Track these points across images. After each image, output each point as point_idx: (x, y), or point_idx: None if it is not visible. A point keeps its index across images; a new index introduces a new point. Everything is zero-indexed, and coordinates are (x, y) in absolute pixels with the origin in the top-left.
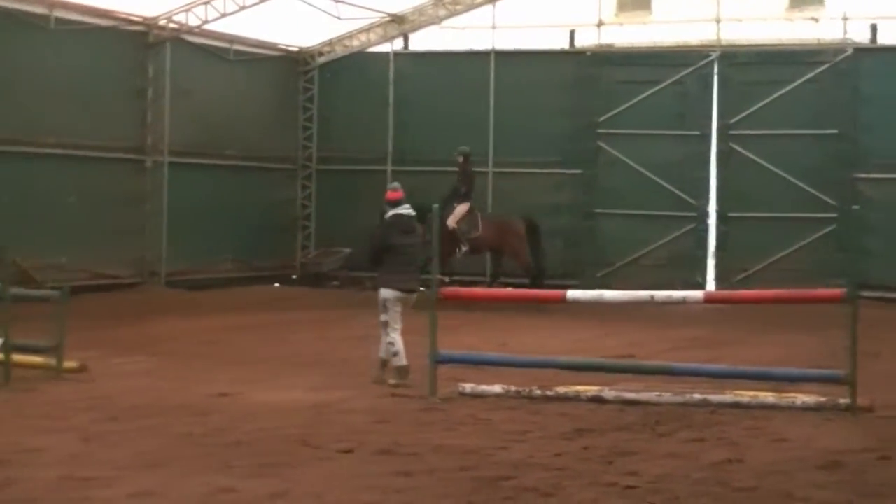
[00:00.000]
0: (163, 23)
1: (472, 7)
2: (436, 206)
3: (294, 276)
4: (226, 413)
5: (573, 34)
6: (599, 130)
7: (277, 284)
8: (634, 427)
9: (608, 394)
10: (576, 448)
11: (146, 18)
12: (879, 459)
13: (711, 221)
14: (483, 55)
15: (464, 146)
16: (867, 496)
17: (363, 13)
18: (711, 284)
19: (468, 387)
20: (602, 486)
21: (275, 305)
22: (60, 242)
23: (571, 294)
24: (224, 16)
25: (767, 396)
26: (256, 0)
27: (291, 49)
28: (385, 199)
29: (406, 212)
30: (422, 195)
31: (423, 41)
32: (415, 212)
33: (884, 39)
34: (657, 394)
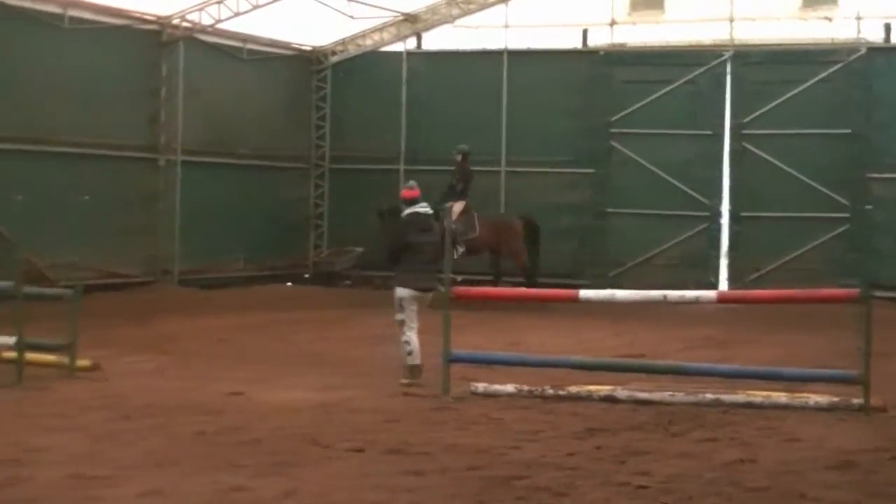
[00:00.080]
0: (176, 22)
1: (485, 6)
2: (447, 206)
3: (306, 276)
4: (237, 412)
5: (586, 33)
6: (612, 130)
7: (290, 283)
8: (647, 427)
9: (621, 393)
10: (588, 448)
11: (159, 17)
12: (892, 459)
13: (724, 221)
14: (496, 54)
15: (463, 145)
16: (879, 496)
17: (376, 12)
18: (724, 284)
19: (480, 386)
20: (614, 486)
21: (287, 304)
22: (73, 241)
23: (584, 294)
24: (237, 15)
25: (780, 396)
26: None
27: (304, 48)
28: (401, 198)
29: (423, 210)
30: (435, 194)
31: (436, 40)
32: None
33: None
34: (670, 393)
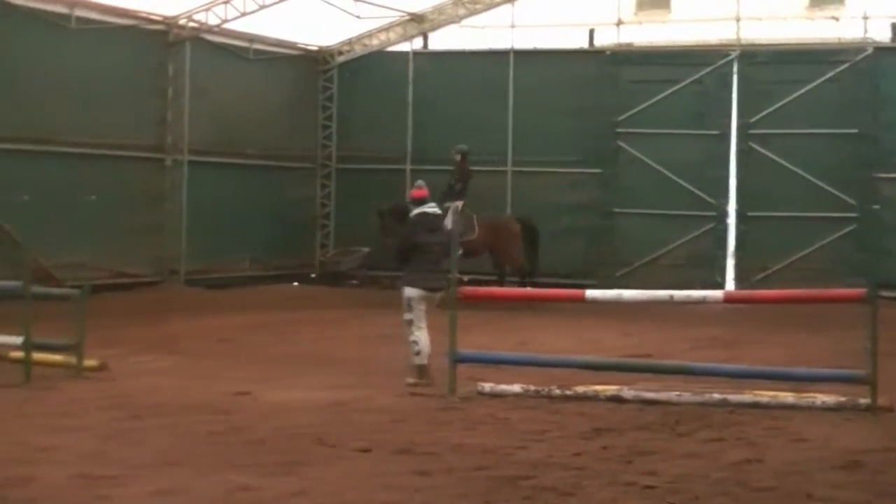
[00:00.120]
0: (183, 22)
1: (492, 6)
2: (454, 205)
3: (313, 275)
4: (245, 412)
5: (592, 33)
6: (618, 130)
7: (296, 283)
8: (653, 427)
9: (627, 393)
10: (595, 447)
11: (166, 18)
12: None
13: (731, 221)
14: (502, 54)
15: (462, 144)
16: (887, 496)
17: (383, 12)
18: (731, 284)
19: (487, 386)
20: (621, 486)
21: (293, 304)
22: (81, 241)
23: (590, 293)
24: (244, 15)
25: (787, 396)
26: None
27: (311, 48)
28: (410, 198)
29: (431, 210)
30: (436, 194)
31: (443, 40)
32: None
33: None
34: (676, 393)
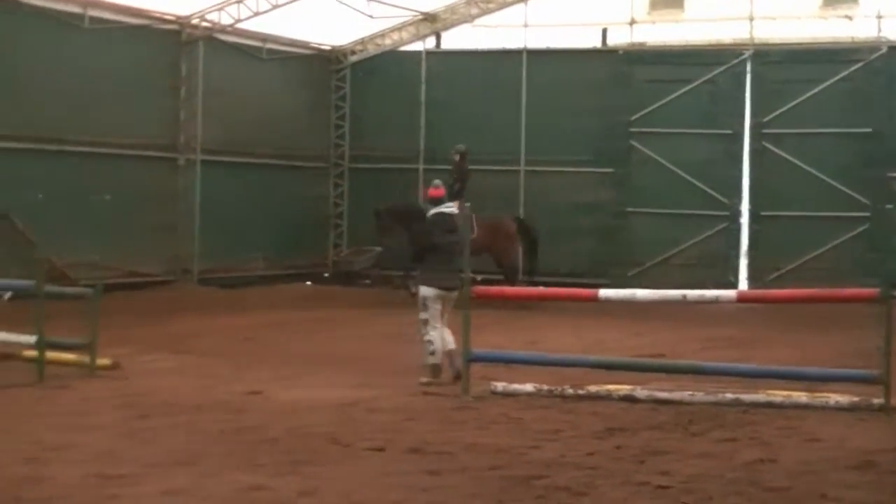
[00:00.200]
0: (196, 21)
1: (505, 6)
2: (467, 205)
3: (326, 275)
4: (257, 411)
5: (605, 33)
6: (631, 129)
7: (309, 283)
8: (667, 426)
9: (640, 393)
10: (608, 447)
11: (179, 17)
12: None
13: (744, 220)
14: (515, 54)
15: (460, 144)
16: None
17: (395, 12)
18: (744, 284)
19: (500, 385)
20: (634, 486)
21: (306, 303)
22: (94, 240)
23: (604, 293)
24: (257, 14)
25: (800, 396)
26: None
27: (324, 48)
28: (427, 197)
29: (448, 210)
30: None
31: (456, 40)
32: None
33: None
34: (689, 393)
